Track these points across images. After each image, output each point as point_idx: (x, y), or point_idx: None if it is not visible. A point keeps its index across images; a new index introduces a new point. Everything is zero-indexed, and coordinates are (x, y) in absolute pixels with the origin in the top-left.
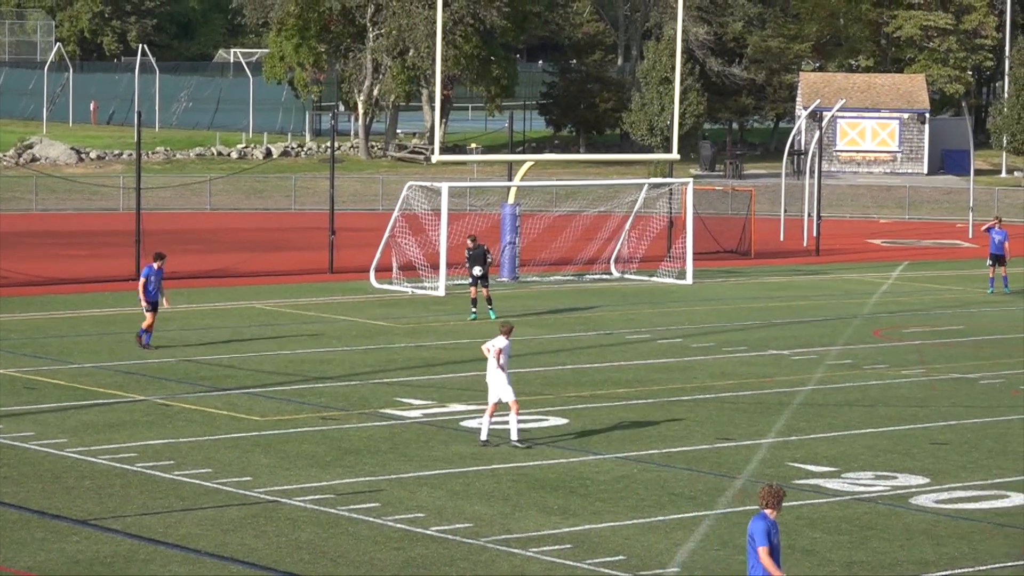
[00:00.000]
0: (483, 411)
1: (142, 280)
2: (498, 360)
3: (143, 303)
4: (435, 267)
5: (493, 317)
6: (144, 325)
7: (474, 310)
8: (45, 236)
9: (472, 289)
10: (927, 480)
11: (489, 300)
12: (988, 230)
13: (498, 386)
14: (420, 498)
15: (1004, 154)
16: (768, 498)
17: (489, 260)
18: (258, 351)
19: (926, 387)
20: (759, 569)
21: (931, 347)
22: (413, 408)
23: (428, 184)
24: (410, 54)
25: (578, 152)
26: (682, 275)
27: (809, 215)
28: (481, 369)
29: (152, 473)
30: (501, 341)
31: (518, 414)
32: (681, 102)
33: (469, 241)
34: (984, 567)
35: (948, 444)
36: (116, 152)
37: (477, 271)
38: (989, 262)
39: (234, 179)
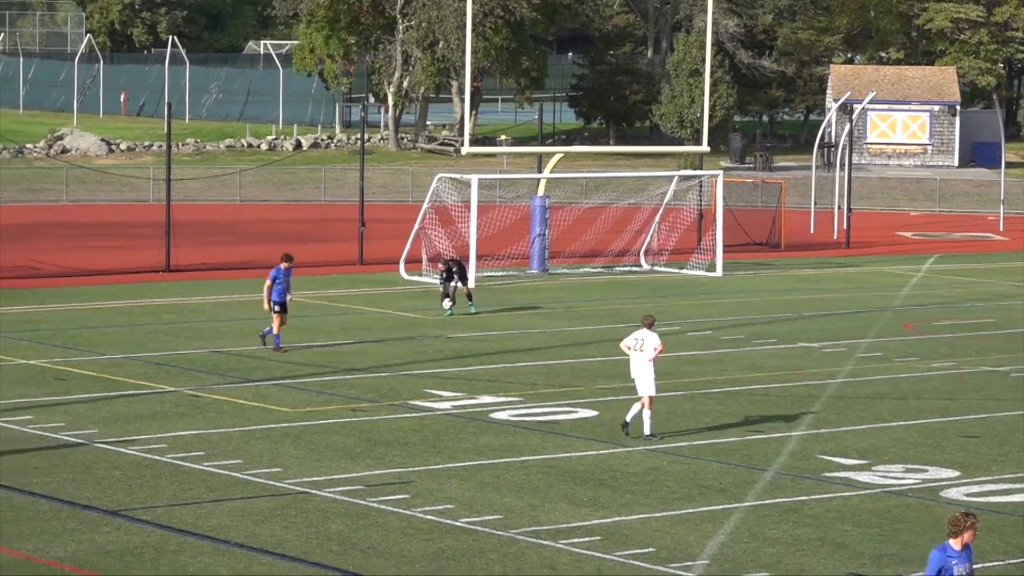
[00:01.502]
0: (511, 403)
1: (269, 282)
2: (647, 352)
3: (266, 304)
4: (465, 259)
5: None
6: (273, 327)
7: (452, 304)
8: (75, 227)
9: (444, 286)
10: (958, 473)
11: (469, 296)
12: None
13: (646, 379)
14: (450, 490)
15: None
16: (949, 526)
17: (458, 274)
18: (287, 342)
19: (956, 380)
20: None
21: (962, 340)
22: (443, 400)
23: (458, 176)
24: (440, 46)
25: (608, 144)
26: (712, 267)
27: (839, 208)
28: (508, 361)
29: (182, 464)
30: (647, 334)
31: (651, 408)
32: (711, 94)
33: (441, 264)
34: (1015, 560)
35: (979, 437)
36: (146, 143)
37: (452, 284)
38: None
39: (264, 171)
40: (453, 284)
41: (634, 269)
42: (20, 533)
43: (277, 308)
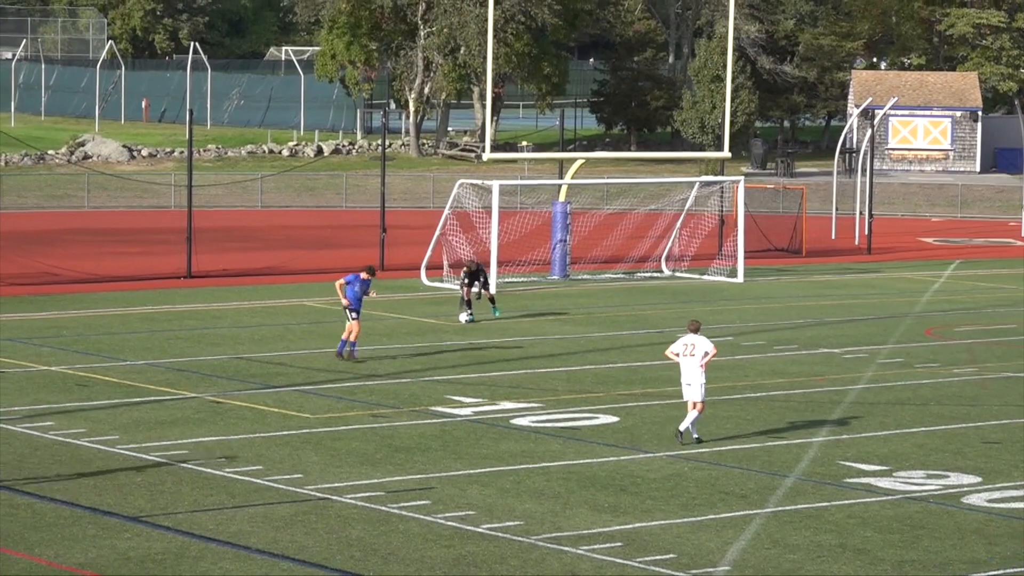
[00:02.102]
0: (532, 409)
1: (342, 281)
2: (698, 357)
3: (344, 300)
4: (486, 265)
5: (469, 319)
6: (347, 336)
7: (470, 312)
8: (97, 233)
9: (465, 290)
10: (979, 479)
11: (469, 303)
12: None
13: (697, 384)
14: (470, 496)
15: None
16: None
17: (482, 279)
18: (309, 348)
19: (978, 386)
20: None
21: (983, 346)
22: (464, 406)
23: (479, 182)
24: (461, 52)
25: (629, 150)
26: (733, 273)
27: (861, 213)
28: (529, 367)
29: (203, 470)
30: (697, 338)
31: (702, 413)
32: (732, 100)
33: (464, 269)
34: None
35: (1000, 443)
36: (168, 150)
37: (475, 289)
38: None
39: (285, 177)
40: (477, 290)
41: (655, 275)
42: (41, 540)
43: (354, 316)
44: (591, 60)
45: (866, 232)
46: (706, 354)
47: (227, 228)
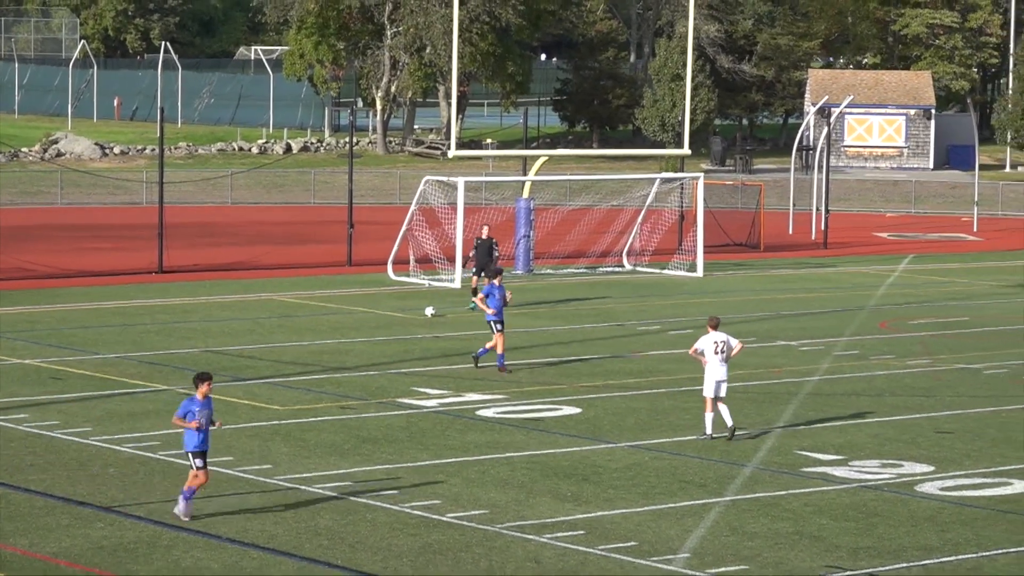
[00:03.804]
0: (497, 401)
1: (482, 295)
2: (724, 354)
3: (490, 311)
4: (451, 260)
5: (472, 307)
6: (493, 346)
7: (474, 300)
8: (70, 229)
9: (474, 279)
10: (932, 468)
11: (474, 292)
12: None
13: (724, 382)
14: (436, 485)
15: (1008, 149)
16: None
17: (496, 254)
18: (278, 342)
19: (931, 377)
20: None
21: (936, 338)
22: (430, 398)
23: (445, 178)
24: (427, 51)
25: (591, 147)
26: (693, 268)
27: (817, 209)
28: (494, 359)
29: (175, 461)
30: (723, 336)
31: (712, 412)
32: (692, 98)
33: (484, 231)
34: (987, 553)
35: (953, 433)
36: (139, 147)
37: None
38: None
39: (255, 174)
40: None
41: (617, 269)
42: (16, 529)
43: (499, 327)
44: (554, 59)
45: (822, 227)
46: (732, 350)
47: (198, 224)
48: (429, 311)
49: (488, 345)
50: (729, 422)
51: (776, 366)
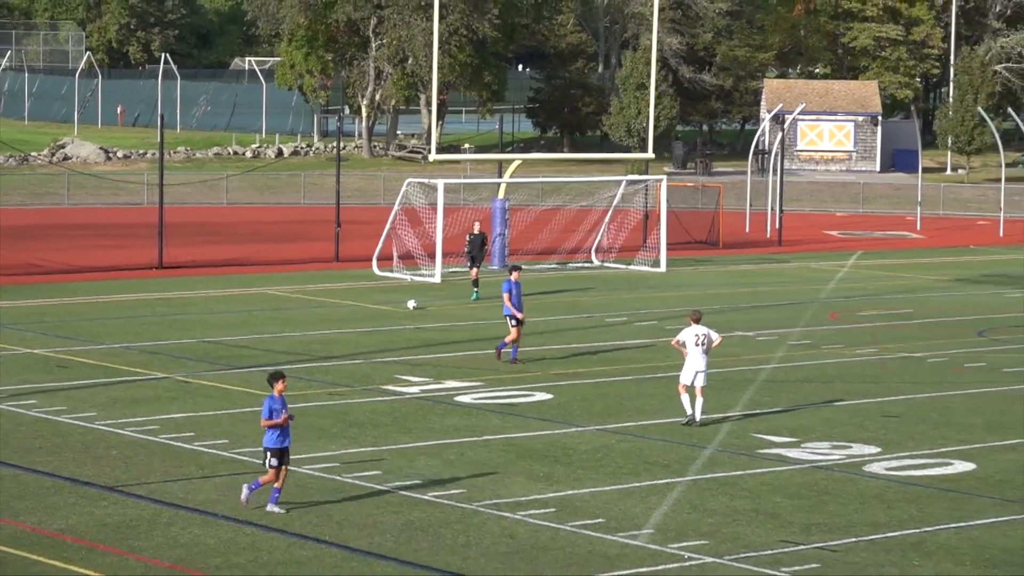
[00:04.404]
0: (474, 387)
1: (506, 295)
2: (704, 346)
3: (513, 315)
4: (432, 256)
5: (475, 298)
6: (508, 339)
7: (476, 291)
8: (76, 228)
9: (472, 271)
10: (879, 449)
11: (475, 282)
12: None
13: (703, 372)
14: (418, 466)
15: (949, 153)
16: None
17: (487, 247)
18: (271, 333)
19: (878, 365)
20: None
21: (882, 328)
22: (412, 385)
23: (425, 181)
24: (409, 62)
25: (562, 151)
26: (656, 264)
27: (772, 209)
28: (471, 349)
29: (174, 444)
30: (704, 329)
31: (702, 396)
32: (656, 106)
33: (476, 227)
34: (930, 528)
35: (898, 417)
36: (141, 152)
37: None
38: None
39: (249, 176)
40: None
41: (586, 265)
42: (26, 508)
43: (514, 322)
44: (527, 69)
45: (777, 226)
46: (712, 343)
47: (195, 223)
48: (411, 304)
49: (507, 339)
50: (698, 416)
51: (734, 355)
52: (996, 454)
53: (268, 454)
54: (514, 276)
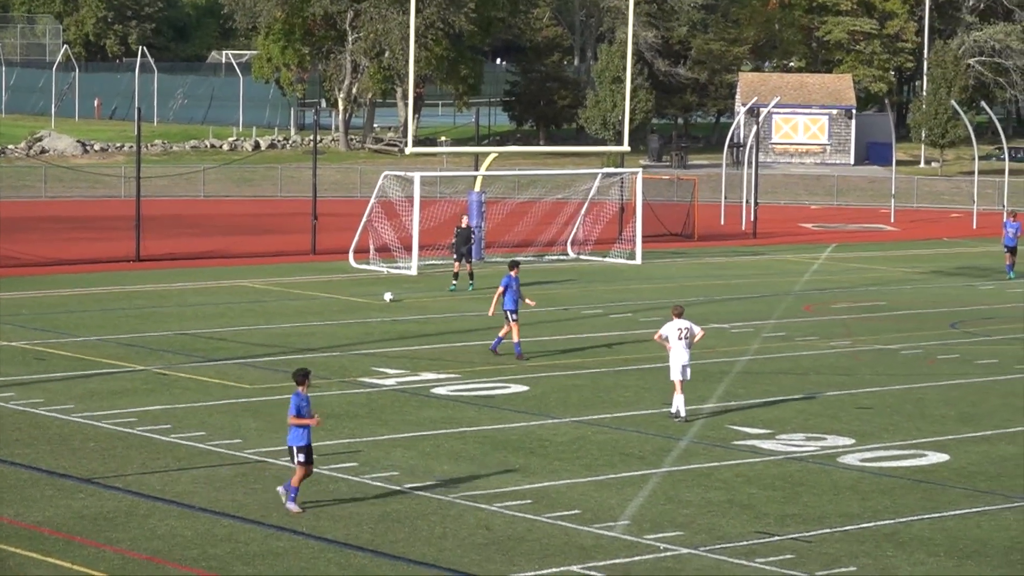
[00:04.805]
0: (451, 379)
1: (501, 289)
2: (687, 340)
3: (492, 309)
4: (408, 249)
5: (471, 289)
6: (513, 335)
7: (454, 283)
8: (53, 221)
9: (456, 264)
10: (853, 441)
11: (471, 275)
12: (1004, 224)
13: (684, 363)
14: (394, 458)
15: (922, 146)
16: None
17: (473, 242)
18: (247, 325)
19: (852, 357)
20: None
21: (856, 321)
22: (388, 377)
23: (402, 174)
24: (386, 56)
25: (538, 144)
26: (632, 256)
27: (747, 201)
28: (447, 341)
29: (151, 436)
30: (686, 323)
31: (682, 393)
32: (631, 99)
33: (463, 221)
34: (904, 519)
35: (872, 408)
36: (118, 144)
37: (464, 249)
38: (1005, 251)
39: (226, 169)
40: (462, 262)
41: (562, 258)
42: (2, 500)
43: (514, 317)
44: (504, 63)
45: (752, 218)
46: (695, 336)
47: (172, 216)
48: (387, 296)
49: (501, 334)
50: (682, 411)
51: (709, 347)
52: (969, 445)
53: (296, 452)
54: (513, 272)
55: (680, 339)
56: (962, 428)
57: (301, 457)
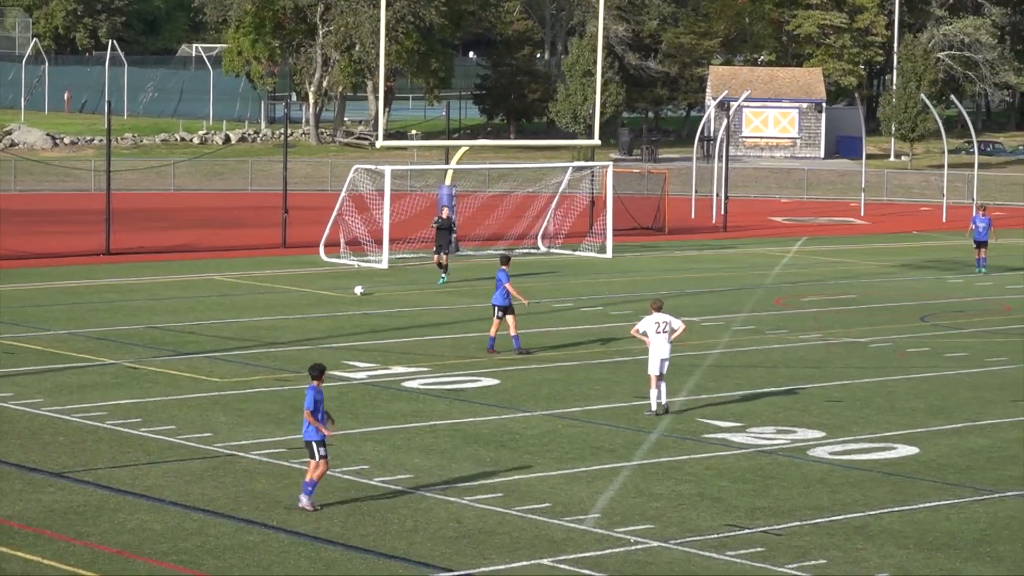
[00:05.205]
0: (421, 373)
1: (506, 283)
2: (666, 334)
3: (523, 299)
4: (379, 242)
5: (440, 283)
6: (492, 332)
7: (443, 276)
8: (23, 214)
9: (436, 257)
10: (823, 434)
11: (445, 267)
12: (973, 219)
13: (667, 360)
14: (365, 452)
15: (892, 140)
16: None
17: (453, 234)
18: (218, 318)
19: (822, 350)
20: None
21: (827, 314)
22: (359, 370)
23: (373, 167)
24: (356, 49)
25: (509, 138)
26: (603, 249)
27: (717, 195)
28: (418, 335)
29: (121, 430)
30: (666, 317)
31: (657, 388)
32: (602, 93)
33: (443, 212)
34: (873, 512)
35: (842, 401)
36: (88, 138)
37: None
38: (974, 246)
39: (196, 162)
40: (440, 253)
41: (532, 251)
42: None
43: (499, 314)
44: (474, 56)
45: (722, 212)
46: (674, 331)
47: (143, 209)
48: (358, 290)
49: (492, 333)
50: (664, 400)
51: (680, 340)
52: (939, 438)
53: (314, 447)
54: (505, 267)
55: (659, 333)
56: (932, 421)
57: (322, 451)
